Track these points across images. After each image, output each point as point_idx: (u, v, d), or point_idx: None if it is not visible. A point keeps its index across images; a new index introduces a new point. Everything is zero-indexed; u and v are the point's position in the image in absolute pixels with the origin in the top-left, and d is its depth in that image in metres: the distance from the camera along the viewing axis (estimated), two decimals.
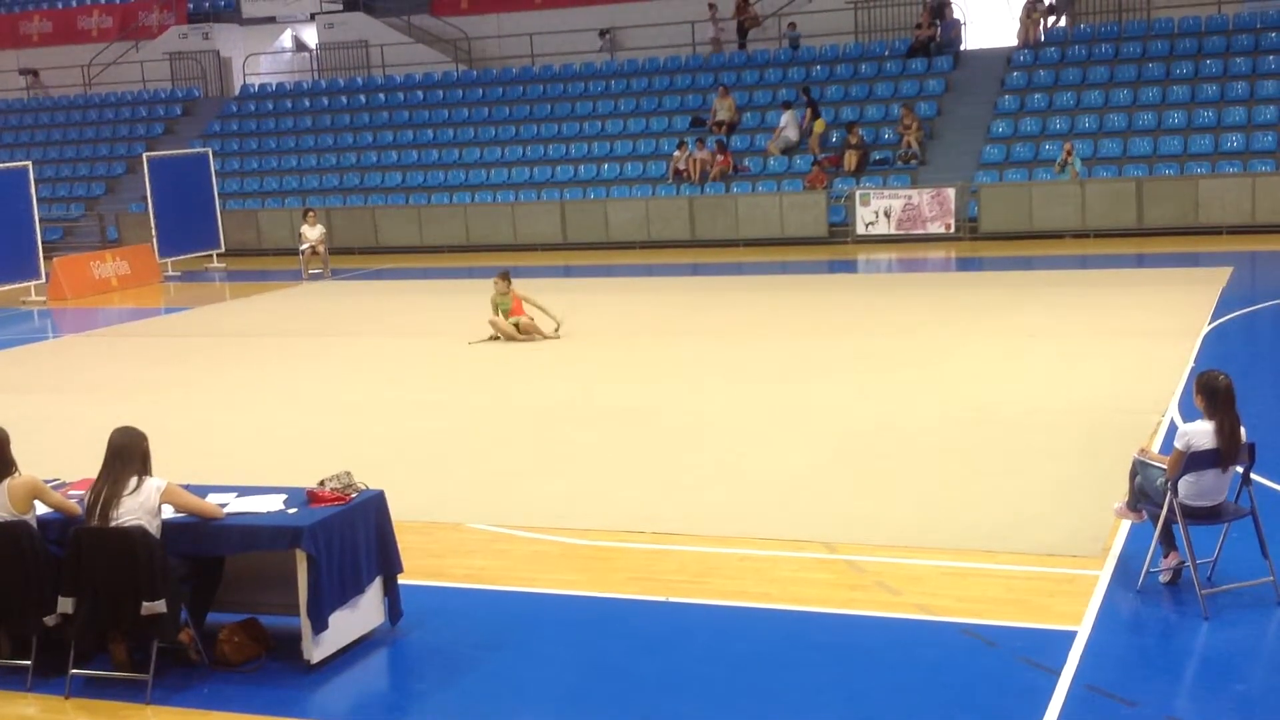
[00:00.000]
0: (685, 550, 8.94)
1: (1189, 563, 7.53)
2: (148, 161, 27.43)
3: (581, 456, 11.57)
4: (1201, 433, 7.50)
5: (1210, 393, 7.58)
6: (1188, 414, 10.72)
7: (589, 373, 15.18)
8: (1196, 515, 7.59)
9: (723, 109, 29.09)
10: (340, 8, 37.06)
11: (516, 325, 16.89)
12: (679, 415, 12.80)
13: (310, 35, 38.45)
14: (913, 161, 26.80)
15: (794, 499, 9.99)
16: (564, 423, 12.78)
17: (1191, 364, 13.48)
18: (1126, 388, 12.83)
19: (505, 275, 17.28)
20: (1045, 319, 16.72)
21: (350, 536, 7.40)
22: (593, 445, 11.91)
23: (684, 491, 10.28)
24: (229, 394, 15.08)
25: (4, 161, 28.63)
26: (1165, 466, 7.63)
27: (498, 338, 16.98)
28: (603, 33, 33.66)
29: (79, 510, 7.37)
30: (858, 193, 25.72)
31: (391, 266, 26.65)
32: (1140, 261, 22.24)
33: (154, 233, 26.84)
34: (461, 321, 17.86)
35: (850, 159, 26.66)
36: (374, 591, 7.64)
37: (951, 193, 25.11)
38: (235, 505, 7.48)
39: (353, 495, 7.53)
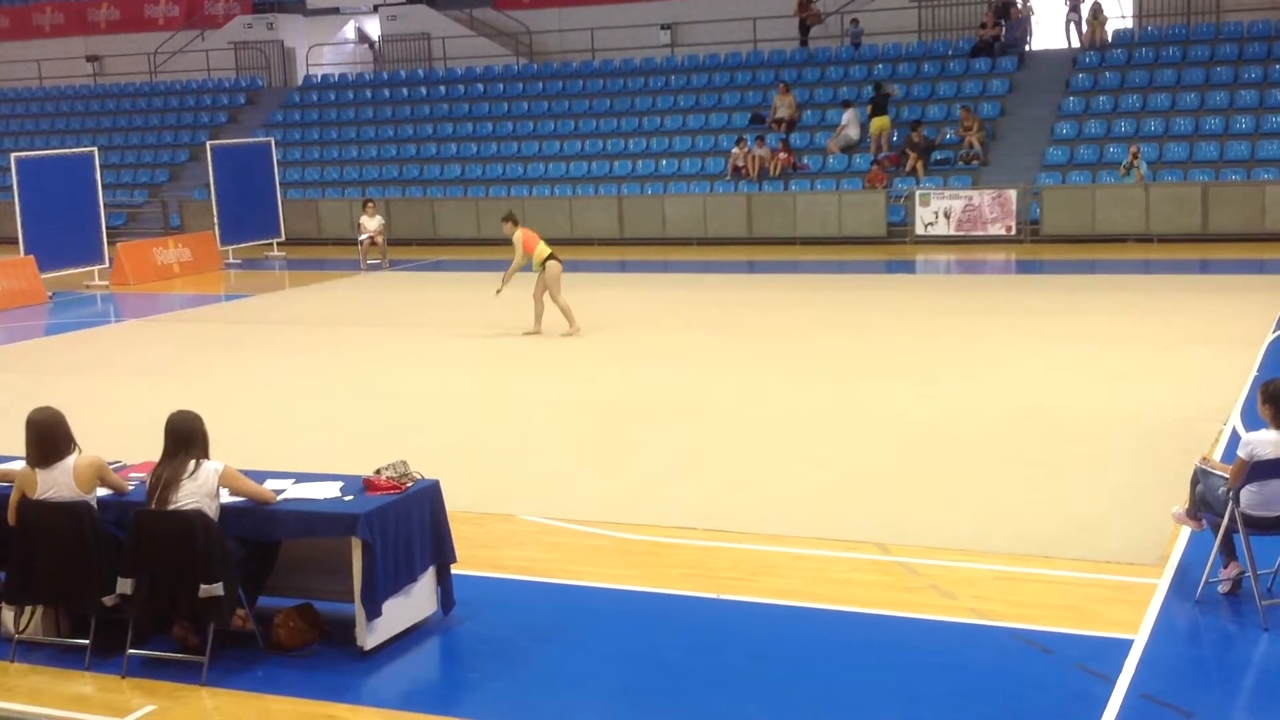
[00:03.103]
0: (738, 548, 8.92)
1: (1249, 573, 7.42)
2: (211, 150, 27.69)
3: (635, 451, 11.57)
4: (1267, 442, 7.38)
5: (1278, 402, 7.46)
6: (1250, 423, 10.57)
7: (644, 368, 15.18)
8: (1259, 525, 7.48)
9: (783, 106, 28.98)
10: (403, 0, 37.27)
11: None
12: (734, 412, 12.77)
13: (373, 27, 38.70)
14: (974, 162, 26.59)
15: (849, 499, 9.94)
16: (618, 417, 12.79)
17: (1255, 372, 13.29)
18: (1188, 395, 12.67)
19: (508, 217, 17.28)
20: (1106, 324, 16.53)
21: (405, 525, 7.45)
22: (647, 440, 11.91)
23: (738, 489, 10.26)
24: (287, 381, 15.21)
25: (70, 147, 29.00)
26: (1227, 475, 7.53)
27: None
28: (664, 27, 33.65)
29: (130, 489, 7.53)
30: (917, 193, 25.55)
31: (448, 258, 26.78)
32: (1204, 267, 21.96)
33: (216, 220, 27.10)
34: (517, 314, 17.88)
35: (912, 159, 26.48)
36: (427, 580, 7.68)
37: (1013, 194, 24.88)
38: (292, 491, 7.54)
39: (408, 484, 7.57)
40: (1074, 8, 29.93)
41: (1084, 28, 29.80)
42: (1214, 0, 29.73)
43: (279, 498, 7.43)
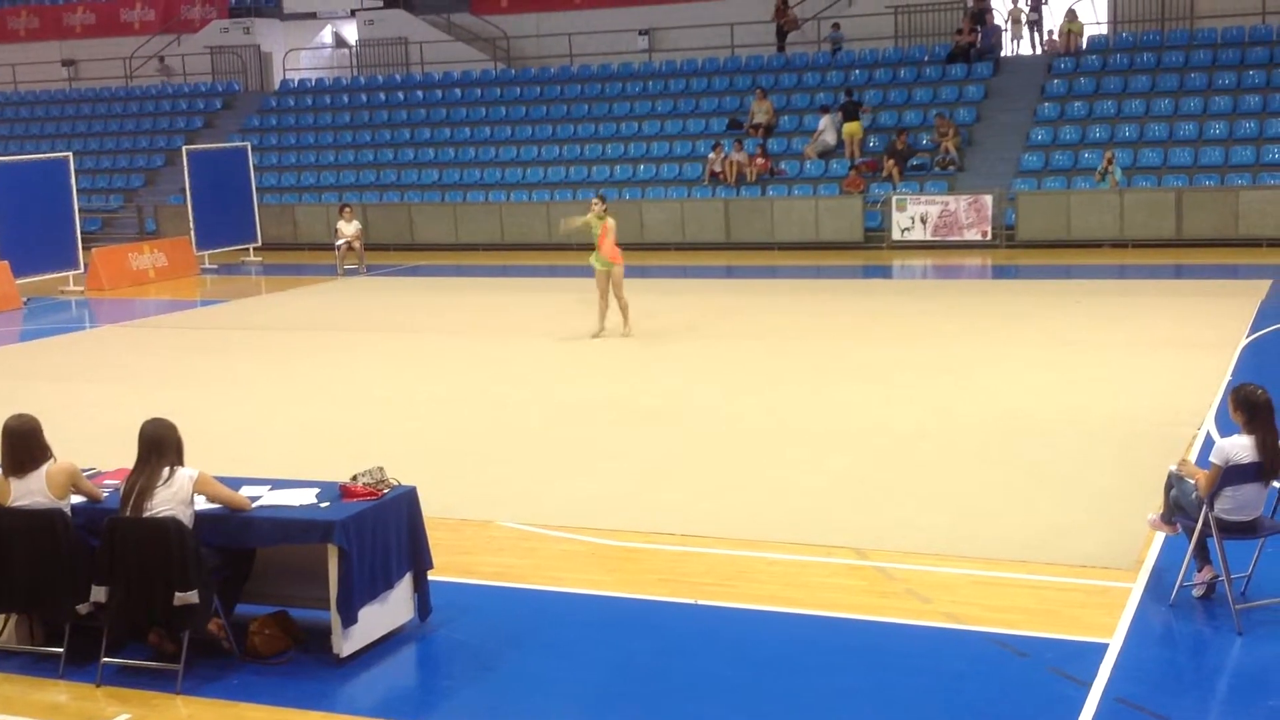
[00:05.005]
0: (714, 553, 8.93)
1: (1223, 577, 7.46)
2: (187, 154, 27.58)
3: (612, 457, 11.57)
4: (1240, 447, 7.43)
5: (1250, 407, 7.51)
6: (1224, 427, 10.64)
7: (621, 373, 15.18)
8: (1232, 529, 7.52)
9: (760, 111, 29.03)
10: (381, 4, 37.20)
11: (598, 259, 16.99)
12: (711, 417, 12.78)
13: (350, 32, 38.62)
14: (950, 168, 26.68)
15: (825, 504, 9.96)
16: (595, 423, 12.79)
17: (1229, 377, 13.37)
18: (1163, 399, 12.74)
19: (601, 198, 17.64)
20: (1082, 328, 16.60)
21: (381, 532, 7.43)
22: (624, 446, 11.91)
23: (714, 494, 10.27)
24: (264, 387, 15.16)
25: (45, 152, 28.85)
26: (1200, 480, 7.56)
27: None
28: (642, 33, 33.69)
29: (102, 496, 7.51)
30: (894, 198, 25.62)
31: (426, 263, 26.73)
32: (1179, 272, 22.07)
33: (191, 225, 26.99)
34: (495, 319, 17.89)
35: (888, 165, 26.56)
36: (404, 587, 7.67)
37: (989, 200, 24.97)
38: (268, 498, 7.52)
39: (385, 491, 7.56)
40: (1034, 7, 30.37)
41: (1038, 32, 30.32)
42: (1188, 6, 29.91)
43: (254, 504, 7.40)
